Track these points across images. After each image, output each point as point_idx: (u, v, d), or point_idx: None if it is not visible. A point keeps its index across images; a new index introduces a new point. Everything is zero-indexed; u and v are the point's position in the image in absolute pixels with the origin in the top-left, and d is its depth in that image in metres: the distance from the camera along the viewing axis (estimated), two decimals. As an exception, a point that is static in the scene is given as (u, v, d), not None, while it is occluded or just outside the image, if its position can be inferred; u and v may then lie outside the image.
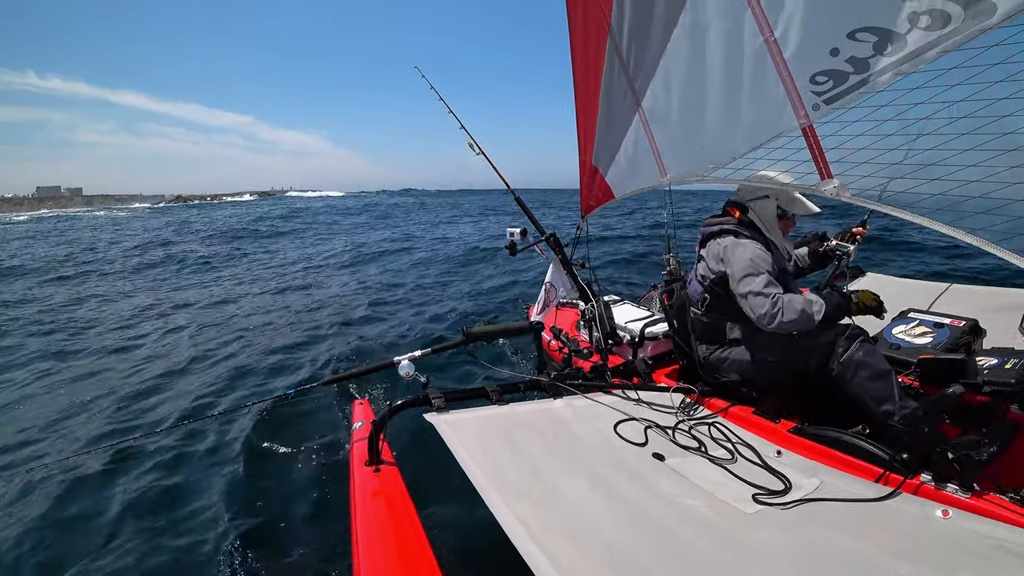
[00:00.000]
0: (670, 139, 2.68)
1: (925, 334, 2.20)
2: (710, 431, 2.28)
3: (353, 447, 2.36)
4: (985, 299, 2.99)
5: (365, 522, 1.76)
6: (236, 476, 3.76)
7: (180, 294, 11.12)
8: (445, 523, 2.79)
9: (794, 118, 1.89)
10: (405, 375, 2.54)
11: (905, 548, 1.44)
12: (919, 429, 1.77)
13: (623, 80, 2.79)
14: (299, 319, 8.19)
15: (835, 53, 1.72)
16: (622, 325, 3.35)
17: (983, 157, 1.52)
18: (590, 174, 3.41)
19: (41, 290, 12.12)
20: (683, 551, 1.44)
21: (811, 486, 1.84)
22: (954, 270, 6.86)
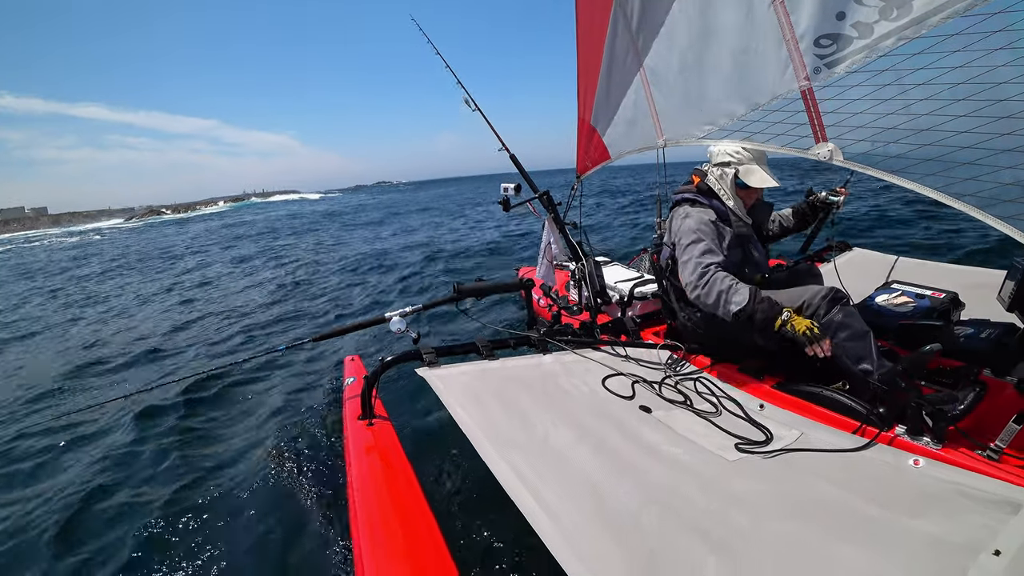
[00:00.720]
0: (669, 99, 2.65)
1: (907, 303, 2.26)
2: (695, 386, 2.33)
3: (346, 403, 2.40)
4: (967, 277, 3.07)
5: (360, 475, 1.80)
6: (232, 431, 3.80)
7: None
8: (438, 473, 2.85)
9: (795, 80, 1.88)
10: (396, 330, 2.55)
11: (877, 493, 1.50)
12: (896, 384, 1.83)
13: (627, 38, 2.74)
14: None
15: (841, 17, 1.70)
16: (612, 285, 3.37)
17: (976, 124, 1.53)
18: (588, 134, 3.37)
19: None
20: (667, 495, 1.49)
21: (792, 437, 1.89)
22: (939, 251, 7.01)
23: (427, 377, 2.12)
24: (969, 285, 2.65)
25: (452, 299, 2.87)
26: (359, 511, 1.62)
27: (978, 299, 2.37)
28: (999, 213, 1.53)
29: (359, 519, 1.58)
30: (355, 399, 2.24)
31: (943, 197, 1.61)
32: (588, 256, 3.31)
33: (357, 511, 1.63)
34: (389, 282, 9.28)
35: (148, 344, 6.55)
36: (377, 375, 2.20)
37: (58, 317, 9.29)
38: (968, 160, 1.56)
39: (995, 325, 2.17)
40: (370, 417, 2.14)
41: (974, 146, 1.54)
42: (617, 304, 3.29)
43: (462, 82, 3.67)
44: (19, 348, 7.43)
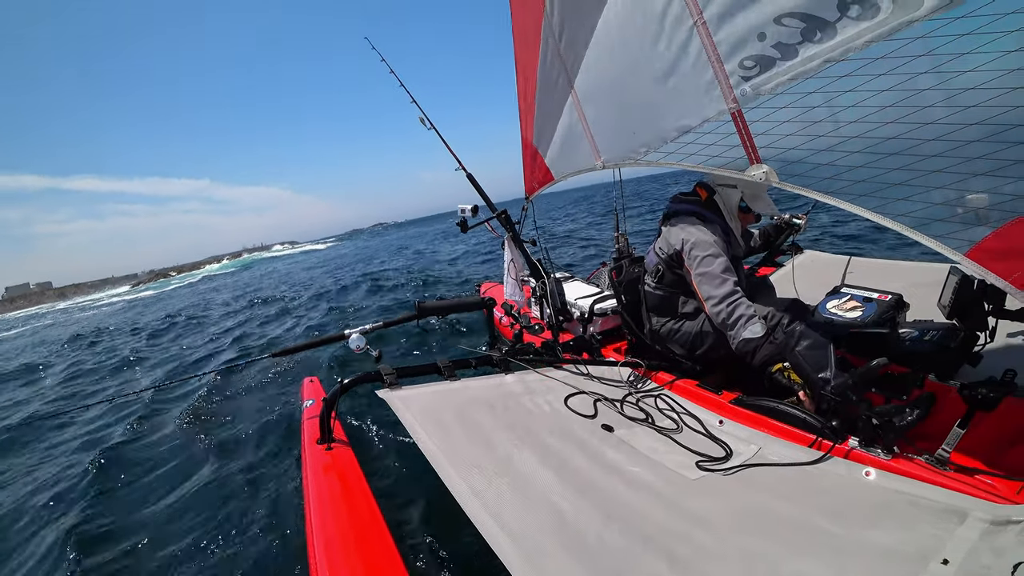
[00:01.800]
0: (602, 122, 2.55)
1: (855, 308, 2.25)
2: (656, 403, 2.31)
3: (304, 425, 2.32)
4: (914, 275, 3.07)
5: (318, 499, 1.73)
6: (183, 449, 3.68)
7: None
8: (399, 497, 2.79)
9: (723, 102, 1.79)
10: (356, 348, 2.47)
11: (833, 506, 1.51)
12: (848, 398, 1.82)
13: (557, 60, 2.62)
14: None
15: (762, 38, 1.61)
16: (572, 301, 3.31)
17: (906, 145, 1.47)
18: (531, 154, 3.25)
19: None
20: (630, 516, 1.47)
21: (750, 452, 1.90)
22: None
23: (387, 399, 2.05)
24: (915, 283, 2.67)
25: (413, 317, 2.79)
26: (316, 536, 1.56)
27: (923, 297, 2.37)
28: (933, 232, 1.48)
29: (316, 544, 1.52)
30: (313, 420, 2.17)
31: (879, 218, 1.55)
32: (549, 274, 3.24)
33: (314, 536, 1.56)
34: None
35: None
36: (336, 397, 2.12)
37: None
38: (900, 181, 1.50)
39: (938, 327, 2.18)
40: (329, 441, 2.07)
41: (906, 167, 1.48)
42: (578, 321, 3.23)
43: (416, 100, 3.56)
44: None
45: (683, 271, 2.40)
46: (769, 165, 1.77)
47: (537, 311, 3.41)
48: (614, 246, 3.26)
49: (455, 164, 3.51)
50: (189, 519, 2.94)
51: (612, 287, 2.91)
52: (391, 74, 3.66)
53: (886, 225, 1.55)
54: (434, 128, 3.51)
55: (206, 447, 3.73)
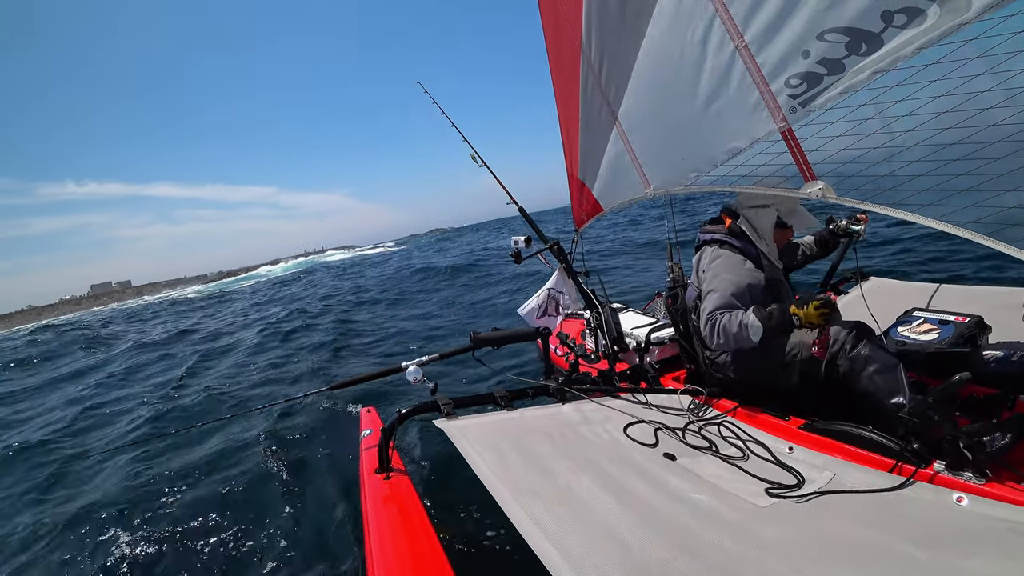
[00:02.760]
0: (649, 150, 2.58)
1: (930, 331, 2.12)
2: (720, 430, 2.23)
3: (363, 455, 2.35)
4: (989, 298, 2.89)
5: (378, 529, 1.74)
6: (247, 481, 3.78)
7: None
8: (457, 528, 2.77)
9: (772, 122, 1.80)
10: (413, 380, 2.51)
11: (922, 535, 1.39)
12: (929, 418, 1.71)
13: (598, 94, 2.69)
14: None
15: (806, 55, 1.62)
16: (628, 331, 3.28)
17: (970, 150, 1.42)
18: (578, 188, 3.32)
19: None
20: (697, 544, 1.39)
21: (824, 479, 1.78)
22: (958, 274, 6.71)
23: (445, 428, 2.07)
24: (994, 307, 2.49)
25: (468, 348, 2.83)
26: (376, 566, 1.55)
27: (1005, 320, 2.21)
28: (1007, 237, 1.41)
29: (377, 573, 1.52)
30: (372, 450, 2.18)
31: (947, 227, 1.49)
32: (603, 304, 3.24)
33: (374, 565, 1.56)
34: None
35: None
36: (394, 428, 2.14)
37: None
38: (967, 187, 1.45)
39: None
40: (387, 470, 2.08)
41: (970, 172, 1.43)
42: (634, 351, 3.19)
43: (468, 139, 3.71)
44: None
45: None
46: (824, 181, 1.74)
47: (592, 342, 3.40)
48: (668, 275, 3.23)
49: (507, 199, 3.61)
50: (251, 544, 3.02)
51: (668, 314, 2.87)
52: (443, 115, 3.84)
53: (956, 233, 1.49)
54: (486, 165, 3.63)
55: (265, 475, 3.85)
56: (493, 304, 10.55)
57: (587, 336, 3.57)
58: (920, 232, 7.85)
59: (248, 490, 3.69)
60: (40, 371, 13.19)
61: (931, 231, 1.55)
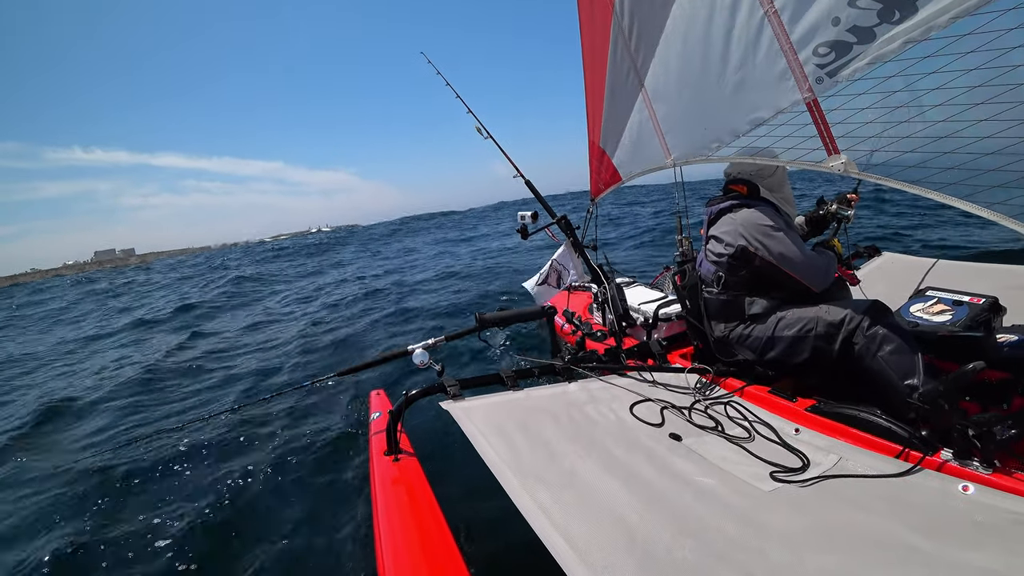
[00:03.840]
0: (673, 119, 2.55)
1: (943, 312, 2.09)
2: (726, 410, 2.23)
3: (372, 437, 2.39)
4: (1004, 277, 2.84)
5: (386, 510, 1.78)
6: (258, 466, 3.84)
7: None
8: (464, 509, 2.79)
9: (797, 92, 1.77)
10: (420, 363, 2.54)
11: (926, 523, 1.40)
12: (939, 405, 1.69)
13: (627, 60, 2.67)
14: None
15: (836, 22, 1.58)
16: (635, 307, 3.28)
17: (1000, 128, 1.39)
18: (598, 156, 3.30)
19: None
20: (701, 529, 1.41)
21: (830, 463, 1.79)
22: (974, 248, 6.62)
23: (451, 410, 2.09)
24: (1010, 287, 2.45)
25: (474, 329, 2.85)
26: (385, 547, 1.59)
27: (1021, 301, 2.17)
28: (1036, 221, 1.39)
29: (385, 554, 1.56)
30: (381, 434, 2.23)
31: (971, 206, 1.47)
32: (610, 279, 3.23)
33: (383, 547, 1.60)
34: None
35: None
36: (401, 410, 2.18)
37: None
38: (994, 166, 1.42)
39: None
40: (395, 452, 2.12)
41: (1000, 151, 1.40)
42: (642, 326, 3.18)
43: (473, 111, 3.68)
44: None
45: (755, 267, 2.35)
46: (847, 155, 1.71)
47: (599, 317, 3.40)
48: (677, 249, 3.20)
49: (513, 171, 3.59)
50: (257, 526, 3.08)
51: (676, 292, 2.86)
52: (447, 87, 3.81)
53: (981, 215, 1.47)
54: (491, 137, 3.61)
55: (275, 460, 3.91)
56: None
57: (594, 311, 3.58)
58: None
59: (257, 473, 3.76)
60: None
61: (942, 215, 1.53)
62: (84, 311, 18.39)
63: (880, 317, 2.04)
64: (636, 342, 3.06)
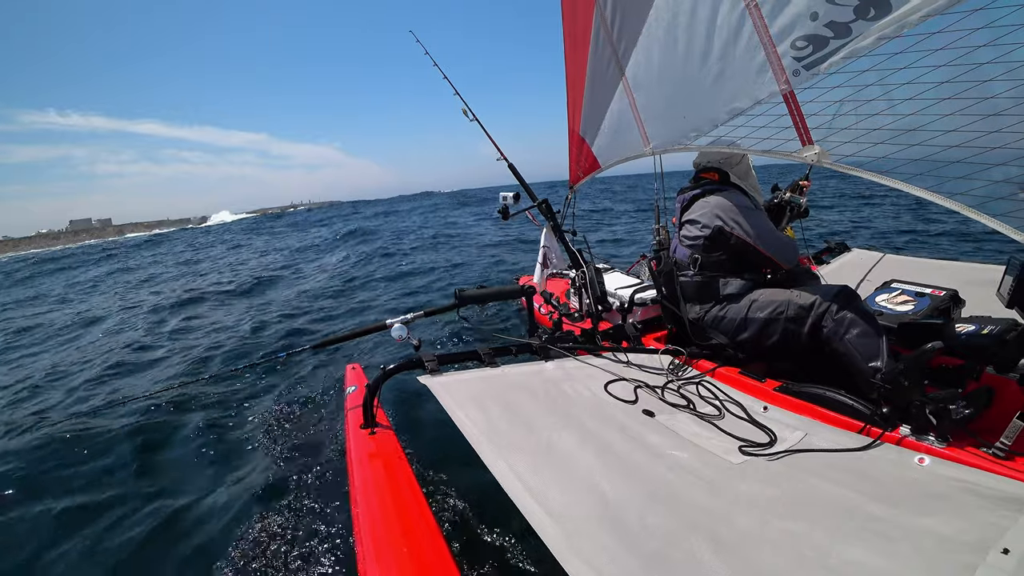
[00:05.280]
0: (652, 108, 2.58)
1: (907, 302, 2.19)
2: (698, 390, 2.28)
3: (348, 412, 2.36)
4: (965, 273, 2.98)
5: (363, 484, 1.77)
6: (231, 439, 3.76)
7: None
8: (441, 482, 2.81)
9: (775, 83, 1.81)
10: (398, 337, 2.52)
11: (882, 492, 1.47)
12: (899, 383, 1.78)
13: (608, 48, 2.68)
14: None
15: (815, 17, 1.63)
16: (612, 291, 3.32)
17: (964, 122, 1.46)
18: (577, 144, 3.31)
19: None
20: (672, 498, 1.45)
21: (796, 438, 1.85)
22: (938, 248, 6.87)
23: (429, 384, 2.09)
24: (969, 282, 2.58)
25: (453, 306, 2.84)
26: (362, 519, 1.59)
27: (978, 296, 2.30)
28: (992, 211, 1.47)
29: (362, 527, 1.56)
30: (357, 408, 2.21)
31: (934, 196, 1.54)
32: (588, 263, 3.26)
33: (360, 519, 1.60)
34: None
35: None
36: (379, 384, 2.16)
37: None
38: (958, 159, 1.49)
39: (996, 321, 2.11)
40: (372, 426, 2.11)
41: (963, 144, 1.47)
42: (618, 311, 3.24)
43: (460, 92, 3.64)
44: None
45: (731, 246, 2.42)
46: (821, 146, 1.77)
47: (576, 301, 3.44)
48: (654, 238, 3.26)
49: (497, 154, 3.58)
50: (235, 505, 3.03)
51: (652, 277, 2.91)
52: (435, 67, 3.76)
53: (944, 205, 1.53)
54: (477, 119, 3.58)
55: (249, 433, 3.83)
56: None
57: (571, 295, 3.62)
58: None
59: (230, 448, 3.68)
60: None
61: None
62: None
63: (848, 302, 2.11)
64: (611, 325, 3.11)
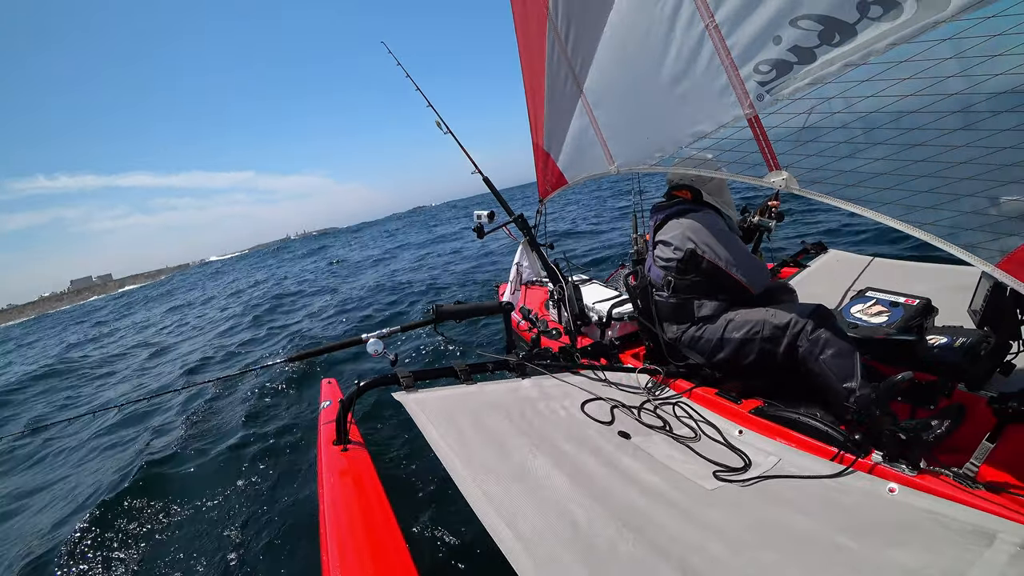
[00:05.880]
0: (614, 126, 2.49)
1: (881, 313, 2.18)
2: (674, 410, 2.27)
3: (321, 427, 2.33)
4: (940, 276, 2.97)
5: (332, 501, 1.74)
6: (202, 451, 3.72)
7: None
8: (412, 500, 2.79)
9: (738, 107, 1.72)
10: (374, 352, 2.48)
11: (854, 523, 1.47)
12: (871, 412, 1.78)
13: (564, 63, 2.57)
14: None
15: (778, 41, 1.54)
16: (590, 305, 3.27)
17: (932, 152, 1.40)
18: (543, 159, 3.21)
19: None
20: (644, 525, 1.44)
21: (769, 464, 1.85)
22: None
23: (403, 401, 2.05)
24: (942, 287, 2.57)
25: (431, 321, 2.80)
26: (330, 537, 1.56)
27: (953, 303, 2.29)
28: (962, 242, 1.42)
29: (330, 545, 1.53)
30: (330, 424, 2.18)
31: (905, 227, 1.49)
32: (566, 278, 3.21)
33: (328, 537, 1.57)
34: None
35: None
36: (352, 399, 2.14)
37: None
38: (927, 188, 1.43)
39: (968, 333, 2.10)
40: (345, 442, 2.08)
41: (933, 175, 1.41)
42: (596, 324, 3.19)
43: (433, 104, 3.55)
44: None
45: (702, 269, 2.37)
46: (789, 172, 1.70)
47: (555, 314, 3.39)
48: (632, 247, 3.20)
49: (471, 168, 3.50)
50: (203, 518, 2.99)
51: (628, 293, 2.87)
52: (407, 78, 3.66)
53: (913, 234, 1.49)
54: (451, 132, 3.50)
55: (223, 448, 3.79)
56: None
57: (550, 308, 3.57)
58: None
59: (202, 458, 3.63)
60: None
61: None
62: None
63: (823, 321, 2.08)
64: (590, 341, 3.06)
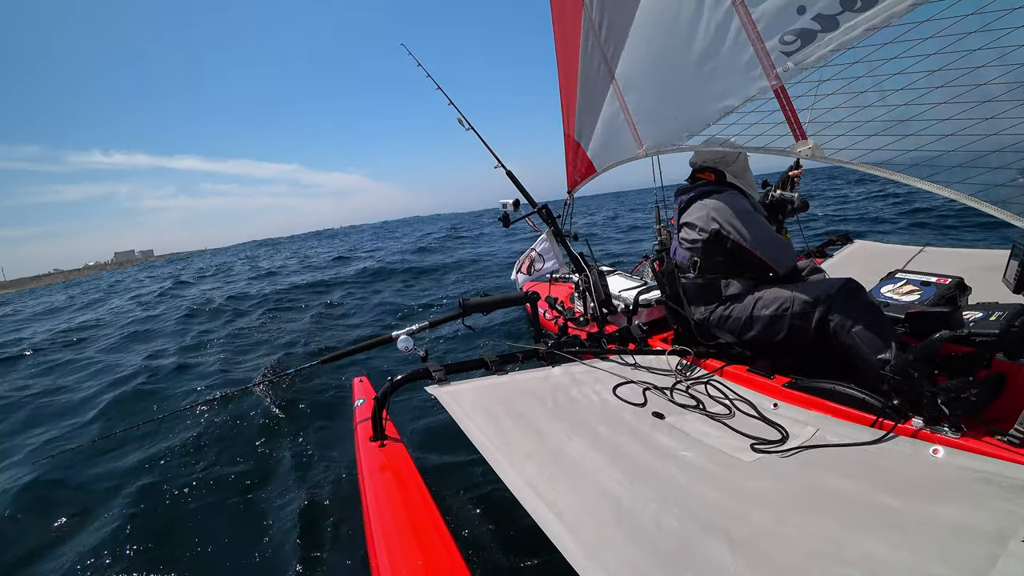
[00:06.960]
0: (644, 109, 2.56)
1: (912, 292, 2.16)
2: (707, 389, 2.26)
3: (357, 425, 2.36)
4: (969, 260, 2.94)
5: (375, 497, 1.76)
6: (242, 457, 3.76)
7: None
8: (454, 491, 2.79)
9: (765, 79, 1.78)
10: (404, 349, 2.52)
11: (897, 484, 1.44)
12: (909, 374, 1.75)
13: (597, 51, 2.66)
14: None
15: (802, 11, 1.60)
16: (616, 294, 3.30)
17: (958, 110, 1.43)
18: (573, 149, 3.30)
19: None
20: (685, 498, 1.44)
21: (807, 434, 1.83)
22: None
23: (437, 394, 2.09)
24: (974, 268, 2.54)
25: (458, 315, 2.84)
26: (375, 532, 1.58)
27: (984, 282, 2.25)
28: (992, 198, 1.43)
29: (376, 540, 1.55)
30: (366, 421, 2.21)
31: (931, 186, 1.51)
32: (592, 267, 3.25)
33: (373, 532, 1.59)
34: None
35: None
36: (387, 395, 2.16)
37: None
38: (954, 148, 1.46)
39: (1004, 307, 2.06)
40: (381, 438, 2.10)
41: (959, 133, 1.44)
42: (623, 313, 3.22)
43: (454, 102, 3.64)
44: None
45: (728, 249, 2.39)
46: (814, 140, 1.74)
47: (580, 305, 3.42)
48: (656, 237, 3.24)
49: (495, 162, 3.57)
50: (243, 516, 3.03)
51: (656, 278, 2.89)
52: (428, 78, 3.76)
53: (943, 194, 1.50)
54: (473, 128, 3.58)
55: (260, 448, 3.84)
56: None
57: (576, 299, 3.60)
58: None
59: (244, 463, 3.69)
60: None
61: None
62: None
63: (854, 295, 2.08)
64: (617, 328, 3.09)
